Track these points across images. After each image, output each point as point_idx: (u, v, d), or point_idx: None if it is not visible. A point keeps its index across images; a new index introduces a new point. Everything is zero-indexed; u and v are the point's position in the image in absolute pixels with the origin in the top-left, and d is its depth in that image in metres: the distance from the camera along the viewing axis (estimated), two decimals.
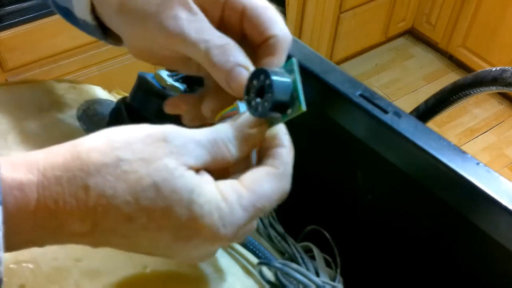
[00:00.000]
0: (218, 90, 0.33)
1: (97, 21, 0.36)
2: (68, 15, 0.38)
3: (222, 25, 0.33)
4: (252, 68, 0.31)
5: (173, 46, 0.32)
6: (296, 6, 2.01)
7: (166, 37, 0.32)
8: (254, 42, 0.33)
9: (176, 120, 0.46)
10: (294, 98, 0.29)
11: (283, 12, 0.37)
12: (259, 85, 0.29)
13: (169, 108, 0.38)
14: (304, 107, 0.29)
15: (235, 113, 0.31)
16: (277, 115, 0.30)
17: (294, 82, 0.29)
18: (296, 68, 0.30)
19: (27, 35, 1.45)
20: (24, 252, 0.33)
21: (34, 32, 1.45)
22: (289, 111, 0.30)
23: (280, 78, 0.29)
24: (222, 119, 0.32)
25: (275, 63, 0.32)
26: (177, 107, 0.37)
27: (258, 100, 0.29)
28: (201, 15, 0.32)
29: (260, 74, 0.29)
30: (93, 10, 0.35)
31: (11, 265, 0.33)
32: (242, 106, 0.31)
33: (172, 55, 0.34)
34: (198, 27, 0.31)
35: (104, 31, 0.37)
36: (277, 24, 0.33)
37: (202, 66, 0.32)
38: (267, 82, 0.29)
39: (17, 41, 1.45)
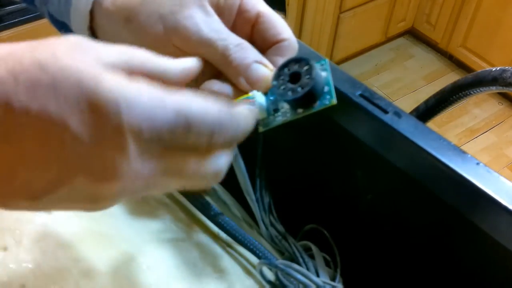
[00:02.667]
0: None
1: (94, 37, 0.36)
2: (65, 29, 0.38)
3: (233, 29, 0.35)
4: (269, 64, 0.34)
5: (187, 47, 0.33)
6: (296, 6, 2.00)
7: (181, 38, 0.32)
8: (264, 45, 0.35)
9: None
10: (324, 92, 0.31)
11: (283, 12, 0.37)
12: (292, 71, 0.31)
13: None
14: (335, 100, 0.31)
15: (250, 101, 0.33)
16: (300, 110, 0.32)
17: (326, 78, 0.32)
18: (328, 68, 0.32)
19: (27, 35, 1.45)
20: (24, 252, 0.33)
21: (34, 32, 1.45)
22: (316, 103, 0.32)
23: (318, 69, 0.31)
24: None
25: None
26: None
27: (290, 85, 0.31)
28: (216, 17, 0.33)
29: (297, 62, 0.31)
30: (91, 27, 0.35)
31: (11, 265, 0.33)
32: (259, 96, 0.33)
33: None
34: (214, 26, 0.33)
35: None
36: (288, 30, 0.35)
37: (215, 66, 0.33)
38: (306, 68, 0.31)
39: (17, 41, 1.44)
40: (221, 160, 0.27)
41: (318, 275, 0.42)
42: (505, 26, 2.12)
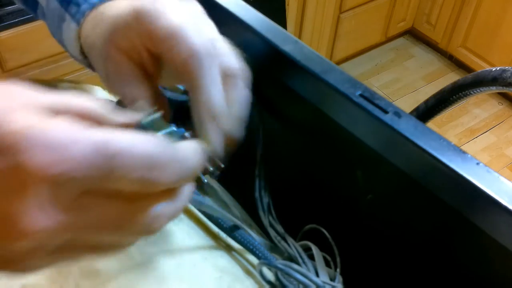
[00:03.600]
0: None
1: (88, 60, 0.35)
2: (63, 46, 0.38)
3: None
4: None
5: None
6: (296, 6, 2.00)
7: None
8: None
9: (177, 120, 0.46)
10: None
11: (284, 12, 0.36)
12: None
13: None
14: None
15: None
16: None
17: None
18: (155, 123, 0.25)
19: (27, 35, 1.45)
20: None
21: (34, 32, 1.45)
22: None
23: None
24: None
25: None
26: None
27: None
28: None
29: None
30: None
31: None
32: None
33: None
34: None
35: None
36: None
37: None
38: None
39: (17, 41, 1.45)
40: (160, 209, 0.23)
41: (317, 275, 0.42)
42: (505, 26, 2.12)
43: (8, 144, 0.18)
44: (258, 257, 0.41)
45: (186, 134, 0.26)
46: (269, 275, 0.41)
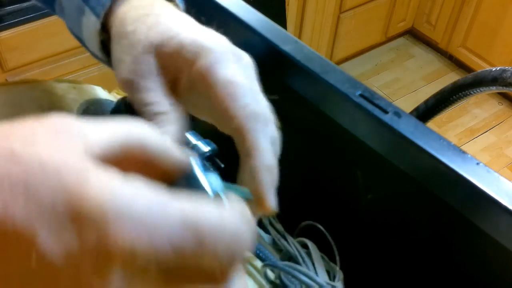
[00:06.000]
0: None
1: (107, 54, 0.34)
2: (81, 41, 0.37)
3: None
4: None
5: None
6: (296, 6, 2.00)
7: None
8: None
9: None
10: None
11: (284, 12, 0.36)
12: None
13: None
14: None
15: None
16: None
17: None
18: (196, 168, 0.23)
19: (27, 35, 1.45)
20: None
21: (34, 32, 1.45)
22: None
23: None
24: None
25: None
26: None
27: None
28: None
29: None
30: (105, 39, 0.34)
31: None
32: None
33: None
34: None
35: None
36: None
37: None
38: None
39: (17, 41, 1.45)
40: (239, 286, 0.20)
41: (315, 272, 0.42)
42: (505, 26, 2.12)
43: (95, 219, 0.15)
44: (260, 258, 0.41)
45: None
46: (270, 274, 0.41)
